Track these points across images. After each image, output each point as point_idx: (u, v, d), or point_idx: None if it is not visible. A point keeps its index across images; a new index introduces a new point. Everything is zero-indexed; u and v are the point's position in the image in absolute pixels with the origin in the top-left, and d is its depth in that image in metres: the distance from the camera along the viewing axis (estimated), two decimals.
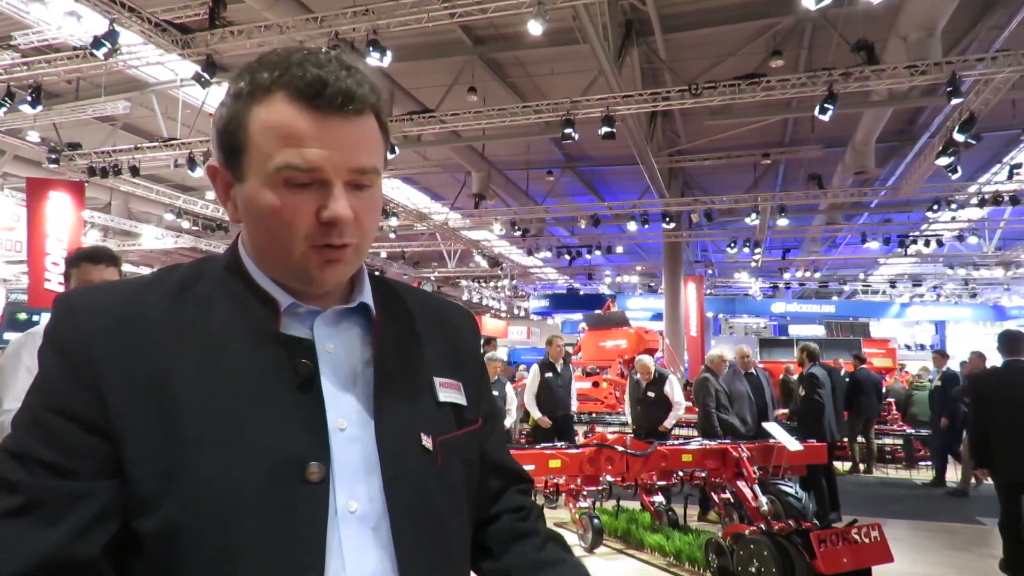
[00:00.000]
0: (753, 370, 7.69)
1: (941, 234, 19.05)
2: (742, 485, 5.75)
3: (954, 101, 8.62)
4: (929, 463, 9.89)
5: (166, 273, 0.87)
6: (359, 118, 0.82)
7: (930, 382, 10.57)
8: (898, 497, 8.80)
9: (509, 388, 7.75)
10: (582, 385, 14.05)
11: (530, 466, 5.47)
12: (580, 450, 5.90)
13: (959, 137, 9.45)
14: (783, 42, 10.16)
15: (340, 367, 0.85)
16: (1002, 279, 25.62)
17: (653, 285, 29.47)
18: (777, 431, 6.24)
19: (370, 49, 7.98)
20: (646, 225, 16.36)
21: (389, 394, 0.86)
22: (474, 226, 18.94)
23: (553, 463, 5.64)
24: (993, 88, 8.85)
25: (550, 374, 7.69)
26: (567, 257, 21.12)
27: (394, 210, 15.79)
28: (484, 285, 29.80)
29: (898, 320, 29.85)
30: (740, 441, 6.38)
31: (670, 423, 7.45)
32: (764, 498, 5.63)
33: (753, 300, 29.64)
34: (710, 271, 27.26)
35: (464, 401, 0.95)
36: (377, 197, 0.87)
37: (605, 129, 9.66)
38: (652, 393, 7.50)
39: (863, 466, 10.70)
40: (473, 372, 1.01)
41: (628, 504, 6.96)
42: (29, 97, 9.49)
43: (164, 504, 0.73)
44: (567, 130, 9.77)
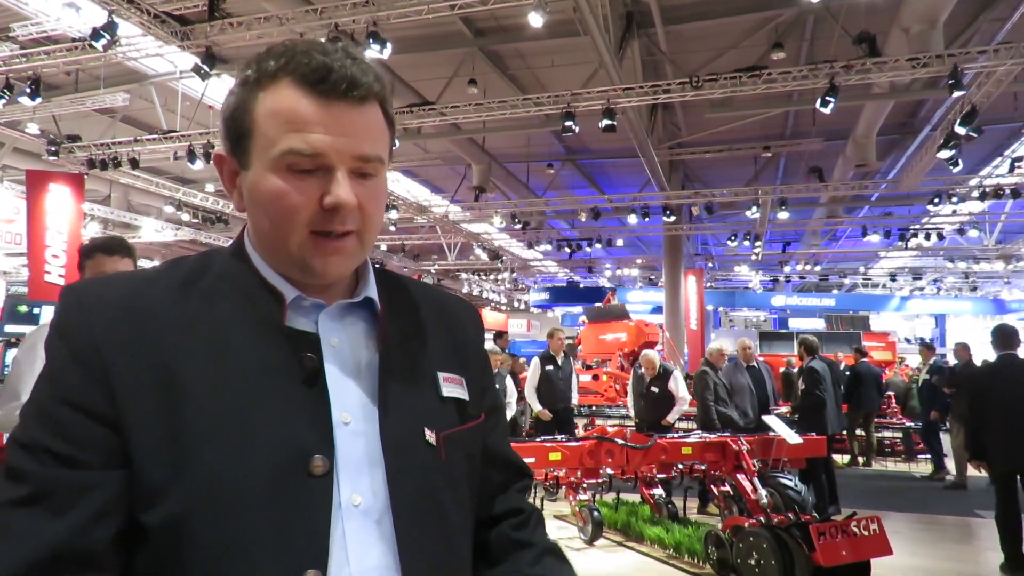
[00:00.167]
0: (755, 363, 7.71)
1: (942, 227, 19.03)
2: (742, 478, 5.77)
3: (956, 94, 8.60)
4: (928, 456, 9.92)
5: (173, 266, 0.87)
6: (364, 106, 0.82)
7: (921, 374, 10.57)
8: (897, 490, 8.82)
9: (509, 381, 7.76)
10: (582, 379, 14.07)
11: (530, 459, 5.48)
12: (580, 443, 5.91)
13: (960, 130, 9.44)
14: (784, 34, 10.13)
15: (345, 361, 0.86)
16: (1002, 272, 25.64)
17: (653, 278, 29.47)
18: (777, 424, 6.25)
19: (370, 41, 7.95)
20: (646, 218, 16.35)
21: (393, 389, 0.87)
22: (474, 219, 18.94)
23: (553, 456, 5.64)
24: (995, 81, 8.83)
25: (551, 367, 7.70)
26: (567, 250, 21.11)
27: (394, 203, 15.78)
28: (484, 278, 29.81)
29: (898, 313, 29.89)
30: (739, 434, 6.40)
31: (673, 417, 7.43)
32: (763, 491, 5.64)
33: (753, 293, 29.64)
34: (710, 264, 27.24)
35: (467, 396, 0.95)
36: (381, 187, 0.87)
37: (606, 122, 9.64)
38: (656, 388, 7.46)
39: (862, 459, 10.73)
40: (477, 367, 1.01)
41: (628, 497, 6.98)
42: (28, 89, 9.46)
43: (169, 496, 0.74)
44: (567, 123, 9.75)
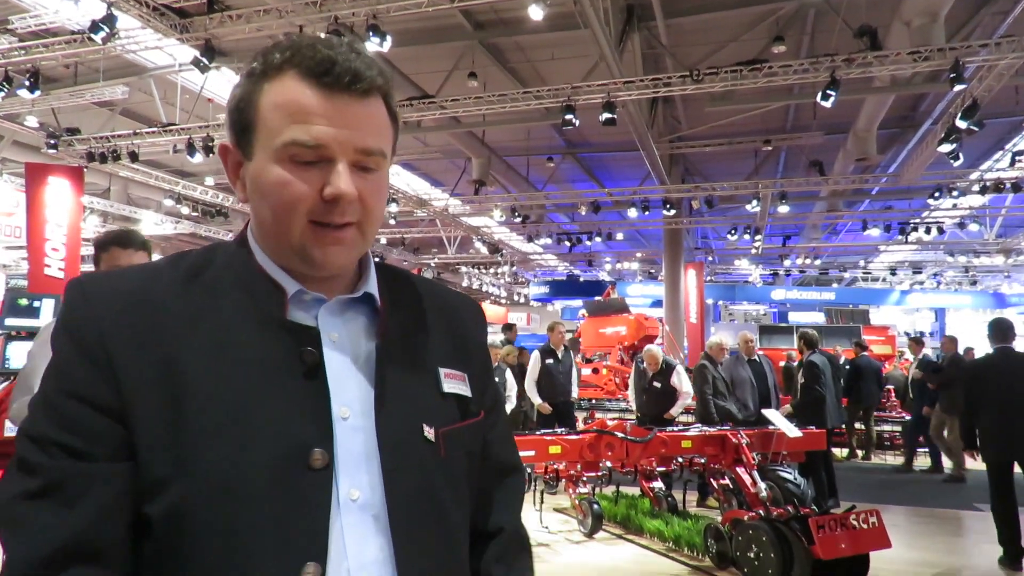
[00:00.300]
0: (756, 356, 7.72)
1: (942, 221, 19.02)
2: (741, 471, 5.78)
3: (957, 88, 8.58)
4: (926, 449, 9.94)
5: (178, 259, 0.88)
6: (367, 99, 0.83)
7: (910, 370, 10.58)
8: (896, 483, 8.85)
9: (509, 374, 7.76)
10: (582, 372, 14.08)
11: (530, 452, 5.50)
12: (580, 436, 5.92)
13: (961, 124, 9.40)
14: (785, 27, 10.09)
15: (344, 356, 0.86)
16: (1002, 266, 25.62)
17: (653, 272, 29.45)
18: (776, 418, 6.26)
19: (370, 34, 7.93)
20: (646, 212, 16.32)
21: (392, 384, 0.87)
22: (474, 212, 18.91)
23: (553, 449, 5.66)
24: (996, 74, 8.80)
25: (551, 360, 7.71)
26: (567, 244, 21.10)
27: (394, 196, 15.76)
28: (484, 271, 29.78)
29: (898, 307, 29.86)
30: (739, 427, 6.41)
31: (677, 411, 7.41)
32: (763, 484, 5.65)
33: (753, 287, 29.62)
34: (710, 258, 27.23)
35: (469, 392, 0.96)
36: (383, 181, 0.87)
37: (606, 115, 9.62)
38: (658, 384, 7.44)
39: (861, 452, 10.75)
40: (479, 363, 1.01)
41: (628, 490, 7.00)
42: (27, 82, 9.44)
43: (172, 488, 0.75)
44: (567, 116, 9.72)
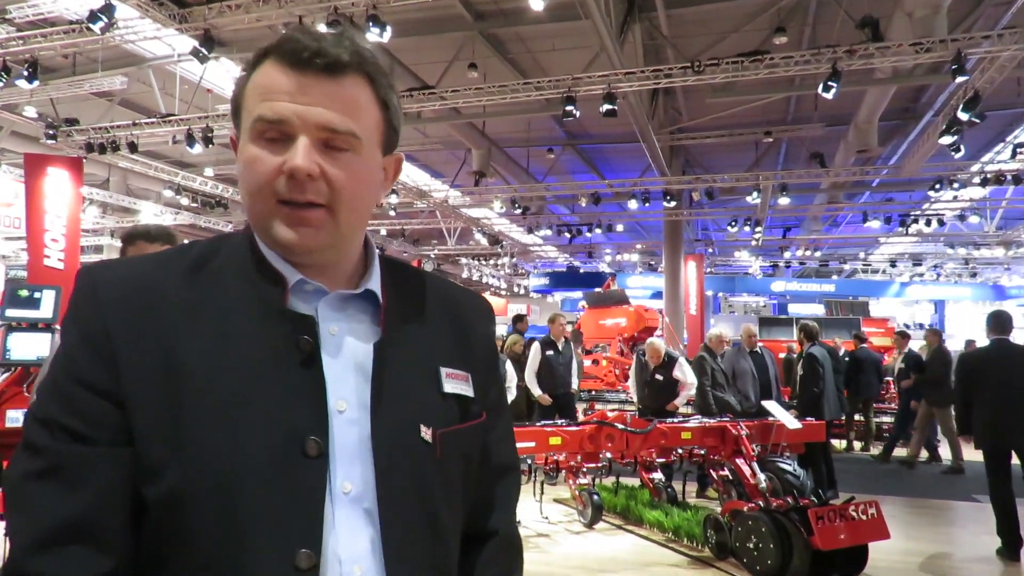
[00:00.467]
0: (757, 348, 7.73)
1: (943, 213, 18.99)
2: (741, 462, 5.80)
3: (959, 79, 8.55)
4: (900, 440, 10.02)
5: (186, 249, 0.90)
6: (339, 79, 0.83)
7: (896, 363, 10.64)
8: (895, 475, 8.87)
9: (509, 366, 7.77)
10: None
11: (530, 443, 5.51)
12: (580, 428, 5.94)
13: (963, 116, 9.38)
14: (787, 18, 10.05)
15: (343, 350, 0.86)
16: (1002, 259, 25.63)
17: (653, 263, 29.43)
18: (776, 409, 6.28)
19: (370, 24, 7.89)
20: (647, 203, 16.30)
21: (390, 382, 0.87)
22: (474, 204, 18.88)
23: (553, 440, 5.67)
24: (998, 66, 8.77)
25: (551, 352, 7.71)
26: (567, 235, 21.07)
27: (394, 187, 15.72)
28: (484, 263, 29.78)
29: (898, 299, 29.87)
30: (739, 419, 6.43)
31: (681, 402, 7.39)
32: (762, 475, 5.67)
33: (753, 279, 29.60)
34: (710, 250, 27.21)
35: (471, 393, 0.95)
36: (360, 165, 0.86)
37: (606, 106, 9.58)
38: (660, 376, 7.42)
39: (859, 444, 10.78)
40: (484, 363, 1.00)
41: (627, 481, 7.02)
42: (25, 72, 9.40)
43: (170, 473, 0.76)
44: (568, 107, 9.69)
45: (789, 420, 6.12)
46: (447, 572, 0.90)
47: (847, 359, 10.39)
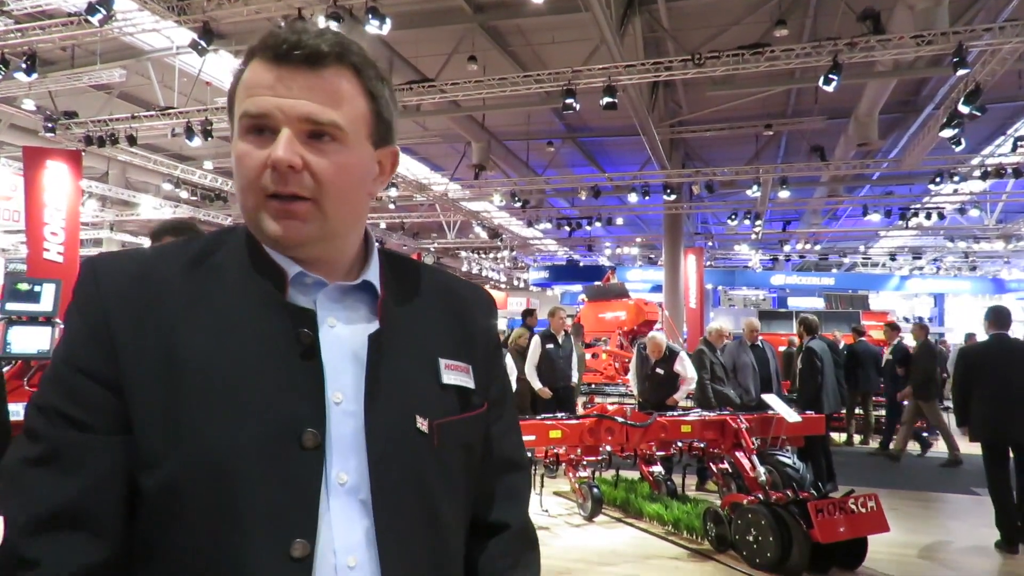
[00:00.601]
0: (759, 342, 7.73)
1: (943, 207, 18.97)
2: (740, 456, 5.81)
3: (960, 72, 8.52)
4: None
5: (189, 241, 0.91)
6: (321, 70, 0.83)
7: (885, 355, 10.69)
8: (894, 468, 8.89)
9: (508, 359, 7.78)
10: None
11: (531, 436, 5.52)
12: (580, 421, 5.94)
13: (964, 109, 9.35)
14: (788, 11, 10.01)
15: (341, 342, 0.87)
16: (1002, 252, 25.59)
17: (653, 257, 29.42)
18: (776, 403, 6.28)
19: (369, 16, 7.86)
20: (647, 197, 16.26)
21: (385, 373, 0.87)
22: (474, 197, 18.86)
23: (553, 433, 5.68)
24: (1000, 59, 8.74)
25: (551, 345, 7.71)
26: (567, 228, 21.03)
27: (393, 181, 15.69)
28: (484, 256, 29.75)
29: (897, 293, 29.86)
30: (738, 412, 6.44)
31: (681, 396, 7.38)
32: (762, 468, 5.69)
33: (753, 272, 29.60)
34: (710, 243, 27.20)
35: (472, 384, 0.95)
36: (347, 157, 0.86)
37: (606, 99, 9.55)
38: (661, 370, 7.39)
39: (858, 437, 10.80)
40: (485, 355, 1.00)
41: (627, 474, 7.04)
42: (24, 64, 9.36)
43: (167, 461, 0.77)
44: (568, 100, 9.67)
45: (789, 413, 6.13)
46: (446, 563, 0.90)
47: (845, 353, 10.41)
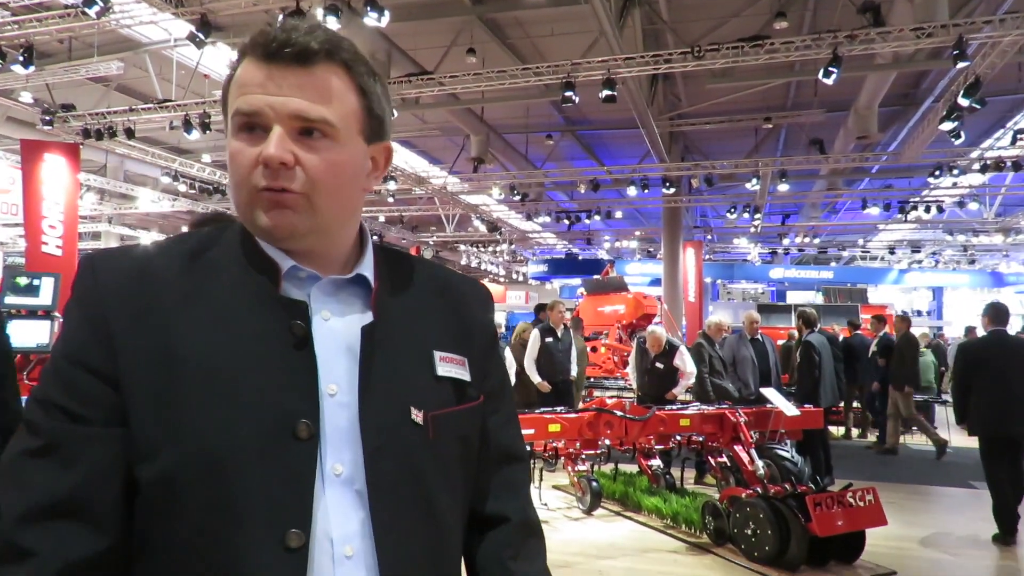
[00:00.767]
0: (758, 336, 7.74)
1: (942, 200, 18.95)
2: (739, 449, 5.82)
3: (960, 65, 8.50)
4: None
5: (186, 237, 0.92)
6: (310, 68, 0.85)
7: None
8: (892, 461, 8.91)
9: (508, 353, 7.79)
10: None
11: (530, 430, 5.52)
12: (579, 415, 5.95)
13: (964, 102, 9.33)
14: (787, 3, 9.97)
15: (335, 334, 0.88)
16: (1001, 246, 25.61)
17: (652, 250, 29.40)
18: (775, 396, 6.29)
19: (367, 8, 7.83)
20: (646, 190, 16.25)
21: (379, 365, 0.88)
22: (473, 190, 18.82)
23: (552, 427, 5.69)
24: (1000, 51, 8.71)
25: (550, 339, 7.71)
26: (566, 222, 21.00)
27: (392, 174, 15.66)
28: (483, 250, 29.75)
29: (896, 286, 29.89)
30: (737, 406, 6.44)
31: (680, 391, 7.38)
32: (760, 462, 5.70)
33: (751, 266, 29.58)
34: (709, 236, 27.17)
35: (468, 377, 0.96)
36: (338, 153, 0.87)
37: (606, 92, 9.53)
38: (661, 365, 7.37)
39: (856, 431, 10.83)
40: (481, 348, 1.01)
41: (626, 467, 7.05)
42: (21, 57, 9.32)
43: (162, 454, 0.79)
44: (567, 93, 9.64)
45: (787, 407, 6.13)
46: (442, 553, 0.90)
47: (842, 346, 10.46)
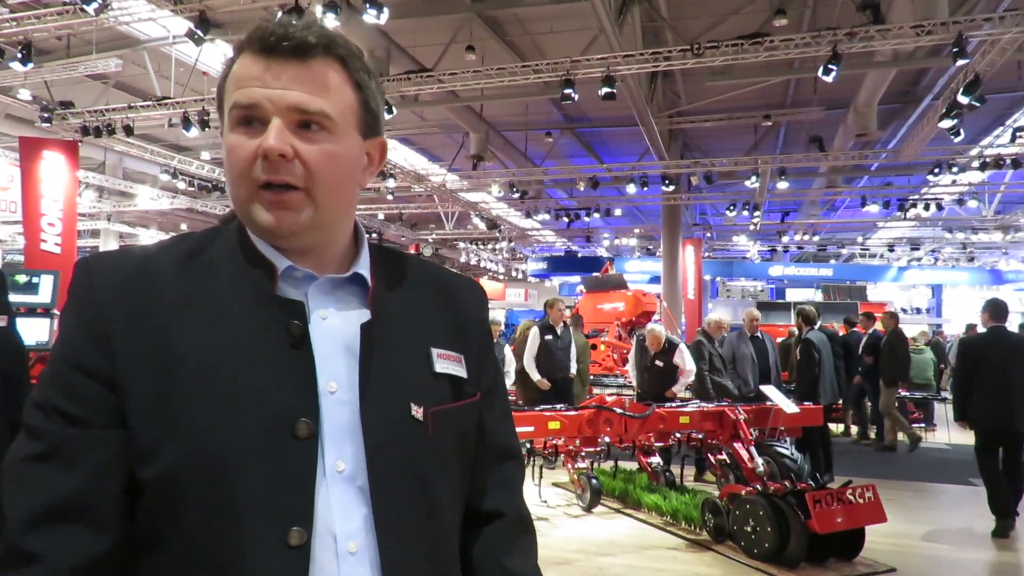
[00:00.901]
0: (758, 334, 7.74)
1: (941, 198, 18.95)
2: (739, 447, 5.82)
3: (960, 62, 8.50)
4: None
5: (182, 238, 0.92)
6: (307, 61, 0.86)
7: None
8: (891, 458, 8.93)
9: (507, 351, 7.79)
10: None
11: (529, 427, 5.53)
12: (579, 412, 5.95)
13: (963, 99, 9.32)
14: (787, 1, 9.96)
15: (333, 333, 0.88)
16: (1000, 243, 25.60)
17: (651, 248, 29.39)
18: (774, 394, 6.29)
19: (367, 5, 7.82)
20: (645, 188, 16.24)
21: (378, 363, 0.89)
22: (472, 188, 18.81)
23: (552, 424, 5.69)
24: (999, 49, 8.70)
25: (550, 336, 7.71)
26: (565, 219, 20.98)
27: (391, 171, 15.64)
28: (482, 247, 29.70)
29: (895, 284, 29.90)
30: (736, 403, 6.45)
31: (680, 389, 7.38)
32: (760, 459, 5.70)
33: (751, 263, 29.58)
34: (708, 234, 27.16)
35: (464, 373, 0.97)
36: (336, 146, 0.87)
37: (605, 89, 9.52)
38: (660, 362, 7.37)
39: (856, 428, 10.83)
40: (477, 344, 1.02)
41: (626, 465, 7.05)
42: (19, 54, 9.30)
43: (163, 455, 0.79)
44: (567, 90, 9.62)
45: (787, 405, 6.14)
46: (443, 548, 0.91)
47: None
